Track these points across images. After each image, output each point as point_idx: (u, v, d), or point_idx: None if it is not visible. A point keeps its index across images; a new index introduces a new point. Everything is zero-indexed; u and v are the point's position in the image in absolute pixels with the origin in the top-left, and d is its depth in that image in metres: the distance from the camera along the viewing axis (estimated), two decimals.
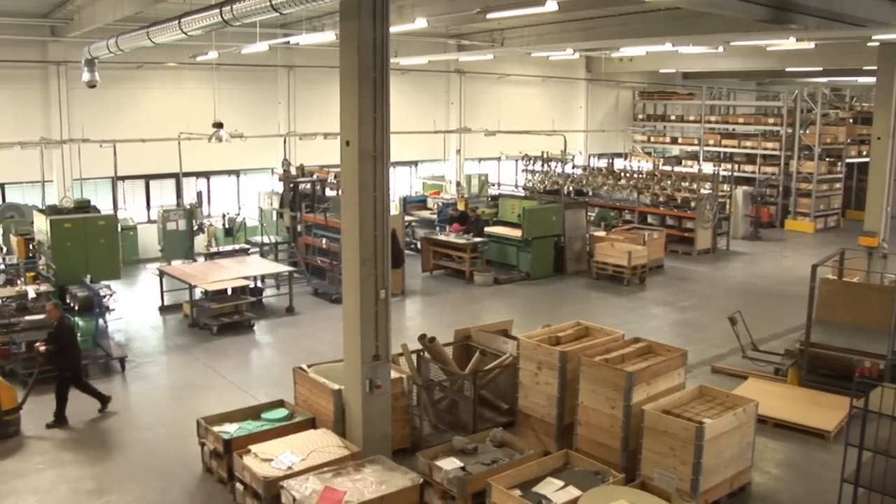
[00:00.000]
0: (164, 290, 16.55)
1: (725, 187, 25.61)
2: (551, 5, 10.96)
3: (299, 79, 23.75)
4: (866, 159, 29.21)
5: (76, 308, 13.05)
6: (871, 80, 23.60)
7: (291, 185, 19.95)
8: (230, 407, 10.17)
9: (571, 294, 18.53)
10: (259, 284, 17.21)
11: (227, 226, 20.34)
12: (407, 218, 22.40)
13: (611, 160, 28.67)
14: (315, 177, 20.39)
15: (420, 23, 14.62)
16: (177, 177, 21.80)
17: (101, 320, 13.16)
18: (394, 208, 21.98)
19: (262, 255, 19.42)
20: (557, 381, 9.50)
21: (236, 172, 23.62)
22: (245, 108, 22.53)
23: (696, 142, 32.34)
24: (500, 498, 7.75)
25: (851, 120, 30.12)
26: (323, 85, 23.05)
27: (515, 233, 20.19)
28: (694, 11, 15.28)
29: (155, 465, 9.66)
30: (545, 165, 25.66)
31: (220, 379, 12.69)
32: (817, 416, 10.84)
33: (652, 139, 34.82)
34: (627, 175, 25.06)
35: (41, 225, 14.30)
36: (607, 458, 8.75)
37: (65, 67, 19.90)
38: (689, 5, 12.61)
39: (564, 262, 20.35)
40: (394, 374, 9.64)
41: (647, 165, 28.21)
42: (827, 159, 28.53)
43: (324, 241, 17.92)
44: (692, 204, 22.96)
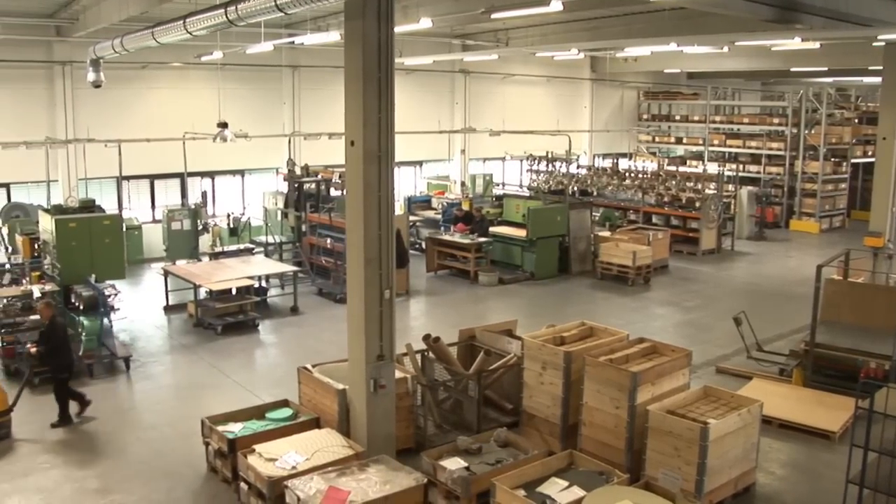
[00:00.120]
0: (169, 289, 16.57)
1: (730, 187, 25.58)
2: (556, 5, 10.96)
3: (304, 79, 23.76)
4: (872, 159, 29.11)
5: (81, 307, 13.06)
6: (877, 80, 23.52)
7: (296, 185, 19.97)
8: (234, 406, 10.18)
9: (576, 294, 18.52)
10: (263, 284, 17.23)
11: (231, 225, 20.33)
12: (411, 218, 22.37)
13: (615, 160, 28.61)
14: (320, 177, 20.40)
15: (425, 23, 14.61)
16: (181, 176, 21.80)
17: (105, 320, 13.17)
18: (398, 208, 21.97)
19: (267, 254, 19.42)
20: (562, 382, 9.50)
21: (241, 172, 23.66)
22: (250, 107, 22.56)
23: (700, 142, 32.30)
24: (505, 498, 7.75)
25: (857, 120, 30.05)
26: (328, 85, 23.07)
27: (520, 233, 20.18)
28: (699, 11, 15.24)
29: (159, 464, 9.68)
30: (550, 165, 25.65)
31: (224, 378, 12.70)
32: (822, 417, 10.82)
33: (657, 139, 34.76)
34: (632, 175, 25.02)
35: (46, 224, 14.31)
36: (612, 459, 8.74)
37: (70, 67, 19.94)
38: (694, 5, 12.58)
39: (569, 262, 20.34)
40: (398, 374, 9.64)
41: (651, 165, 28.17)
42: (832, 159, 28.46)
43: (328, 240, 17.93)
44: (697, 204, 22.92)
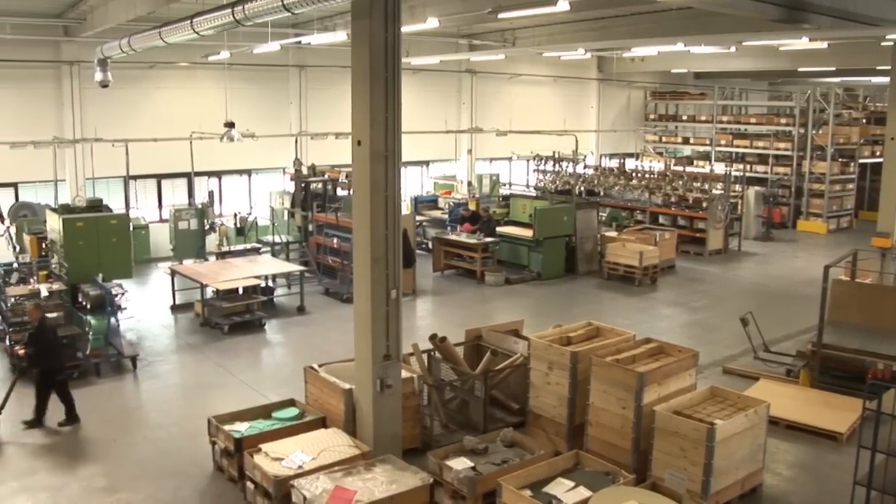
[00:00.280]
0: (176, 289, 16.61)
1: (737, 188, 25.50)
2: (563, 5, 10.94)
3: (311, 78, 23.79)
4: (880, 160, 29.02)
5: (88, 306, 13.10)
6: (885, 79, 23.48)
7: (303, 185, 19.99)
8: (241, 406, 10.20)
9: (582, 294, 18.50)
10: (270, 284, 17.24)
11: (238, 225, 20.39)
12: (418, 218, 22.41)
13: (622, 160, 28.60)
14: (326, 176, 20.42)
15: (431, 23, 14.62)
16: (188, 176, 21.87)
17: (112, 319, 13.21)
18: (405, 208, 21.99)
19: (274, 254, 19.45)
20: (568, 382, 9.49)
21: (248, 172, 23.69)
22: (257, 107, 22.60)
23: (707, 142, 32.22)
24: (511, 498, 7.75)
25: (865, 120, 29.93)
26: (334, 85, 23.09)
27: (527, 233, 20.16)
28: (706, 11, 15.22)
29: (166, 463, 9.70)
30: (556, 165, 25.62)
31: (231, 378, 12.72)
32: (829, 418, 10.78)
33: (663, 139, 34.71)
34: (639, 175, 24.97)
35: (54, 224, 14.36)
36: (618, 459, 8.73)
37: (78, 67, 20.00)
38: (701, 5, 12.57)
39: (576, 262, 20.31)
40: (404, 374, 9.64)
41: (658, 165, 28.14)
42: (840, 160, 28.37)
43: (335, 240, 17.94)
44: (704, 204, 22.87)
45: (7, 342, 12.87)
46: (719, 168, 27.76)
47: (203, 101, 21.64)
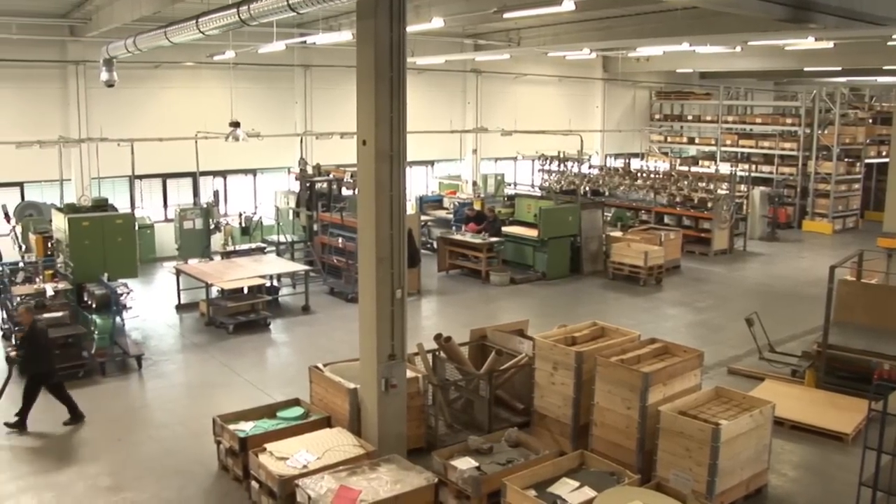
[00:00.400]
0: (181, 288, 16.63)
1: (743, 188, 25.46)
2: (568, 5, 10.93)
3: (316, 78, 23.81)
4: (886, 160, 28.92)
5: (94, 306, 13.13)
6: (892, 79, 23.48)
7: (308, 185, 19.99)
8: (246, 405, 10.21)
9: (587, 294, 18.48)
10: (275, 283, 17.26)
11: (243, 225, 20.38)
12: (423, 217, 22.39)
13: (627, 160, 28.57)
14: (331, 176, 20.43)
15: (437, 22, 14.60)
16: (194, 176, 21.87)
17: (118, 318, 13.23)
18: (410, 208, 21.98)
19: (279, 254, 19.48)
20: (573, 382, 9.48)
21: (253, 171, 23.73)
22: (262, 107, 22.62)
23: (713, 142, 32.18)
24: (515, 498, 7.74)
25: (871, 120, 29.84)
26: (340, 84, 23.12)
27: (532, 233, 20.15)
28: (712, 11, 15.17)
29: (171, 462, 9.71)
30: (561, 165, 25.61)
31: (235, 377, 12.74)
32: (835, 419, 10.75)
33: (669, 139, 34.66)
34: (644, 175, 24.94)
35: (59, 223, 14.38)
36: (623, 459, 8.72)
37: (83, 67, 20.05)
38: (706, 5, 12.51)
39: (581, 262, 20.30)
40: (409, 374, 9.64)
41: (663, 165, 28.10)
42: (845, 160, 28.29)
43: (340, 240, 17.95)
44: (709, 204, 22.84)
45: (12, 341, 12.90)
46: (724, 168, 27.70)
47: (208, 100, 21.68)
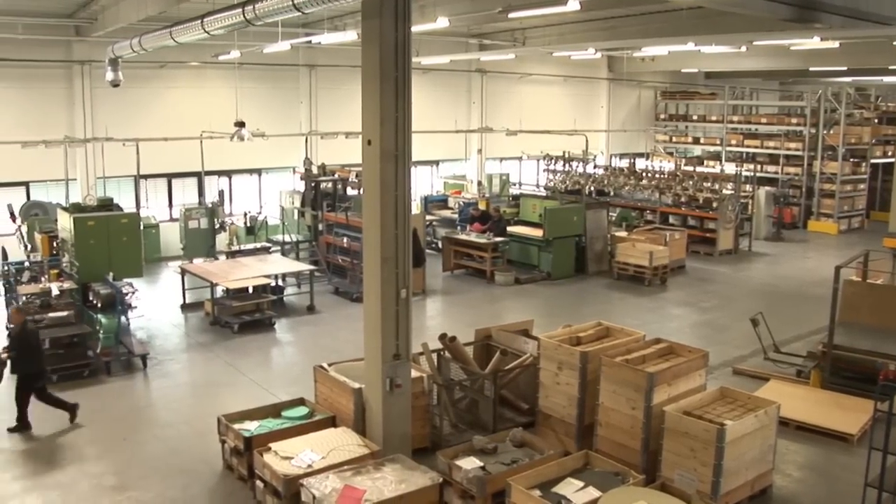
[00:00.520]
0: (186, 288, 16.67)
1: (748, 188, 25.41)
2: (573, 4, 10.90)
3: (321, 78, 23.83)
4: (891, 160, 29.02)
5: (99, 305, 13.16)
6: None
7: (313, 184, 20.03)
8: (251, 405, 10.23)
9: (592, 294, 18.46)
10: (280, 283, 17.28)
11: (248, 224, 20.45)
12: (428, 217, 22.43)
13: (632, 160, 28.52)
14: (336, 176, 20.46)
15: (442, 22, 14.61)
16: (199, 175, 21.94)
17: (123, 318, 13.26)
18: (415, 207, 21.99)
19: (284, 253, 19.49)
20: (578, 382, 9.47)
21: (258, 171, 23.75)
22: (267, 107, 22.66)
23: (718, 142, 32.12)
24: (520, 498, 7.74)
25: (876, 120, 29.75)
26: (345, 84, 23.15)
27: (537, 233, 20.14)
28: (717, 11, 15.16)
29: (176, 461, 9.73)
30: (566, 165, 25.59)
31: (240, 377, 12.76)
32: (840, 419, 10.73)
33: (674, 139, 34.63)
34: (649, 175, 24.91)
35: (65, 223, 14.42)
36: (627, 459, 8.71)
37: (89, 67, 20.09)
38: (712, 4, 12.50)
39: (585, 262, 20.28)
40: (414, 374, 9.64)
41: (668, 165, 28.07)
42: (851, 160, 28.23)
43: (345, 239, 17.97)
44: (714, 204, 22.80)
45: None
46: (730, 168, 27.66)
47: (213, 100, 21.72)
